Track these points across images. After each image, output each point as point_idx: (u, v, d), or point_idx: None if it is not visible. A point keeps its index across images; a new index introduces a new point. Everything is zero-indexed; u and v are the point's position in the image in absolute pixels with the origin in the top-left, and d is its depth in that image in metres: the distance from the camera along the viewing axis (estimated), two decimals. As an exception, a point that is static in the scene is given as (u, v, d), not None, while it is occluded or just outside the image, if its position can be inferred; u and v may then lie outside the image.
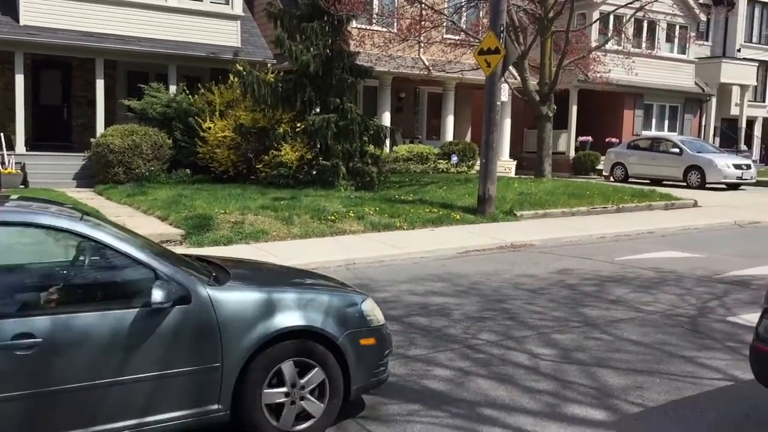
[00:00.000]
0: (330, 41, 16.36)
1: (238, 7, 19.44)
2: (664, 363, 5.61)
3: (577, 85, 24.94)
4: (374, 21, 20.66)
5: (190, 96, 17.75)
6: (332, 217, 11.98)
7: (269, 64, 19.27)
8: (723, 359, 5.69)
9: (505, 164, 23.86)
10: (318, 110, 16.44)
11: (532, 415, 4.60)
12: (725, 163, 21.13)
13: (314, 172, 15.87)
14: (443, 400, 4.83)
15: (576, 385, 5.13)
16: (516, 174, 23.25)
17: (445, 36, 20.90)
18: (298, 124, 16.05)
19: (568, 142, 26.74)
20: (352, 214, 12.31)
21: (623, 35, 23.10)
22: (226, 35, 19.22)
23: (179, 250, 10.03)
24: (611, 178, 23.26)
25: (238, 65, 16.93)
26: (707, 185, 20.87)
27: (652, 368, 5.49)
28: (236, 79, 16.70)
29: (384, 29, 19.76)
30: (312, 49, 16.05)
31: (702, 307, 7.34)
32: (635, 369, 5.48)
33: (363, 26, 19.71)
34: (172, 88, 18.27)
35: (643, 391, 5.00)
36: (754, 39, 33.02)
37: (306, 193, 14.52)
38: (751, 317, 4.35)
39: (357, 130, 16.08)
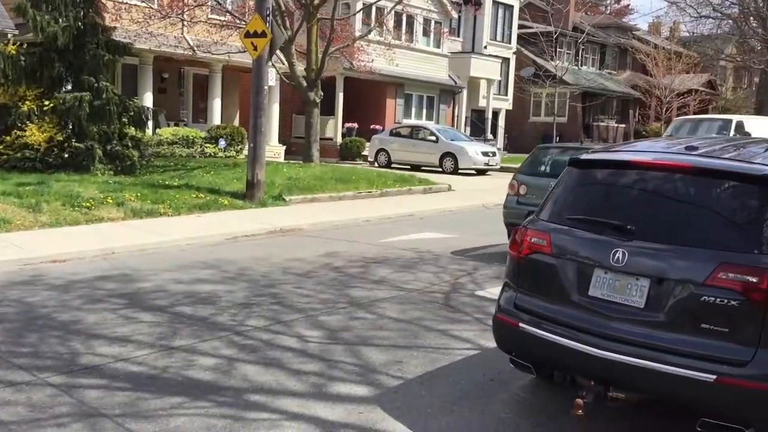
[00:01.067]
0: (82, 13, 15.09)
1: (-31, -32, 17.15)
2: (421, 337, 5.99)
3: (343, 72, 25.62)
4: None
5: None
6: (87, 204, 11.12)
7: (9, 35, 17.27)
8: (472, 330, 6.21)
9: (275, 149, 23.83)
10: (69, 87, 15.11)
11: (299, 397, 4.65)
12: (475, 151, 23.06)
13: (66, 156, 14.59)
14: (208, 390, 4.71)
15: (341, 365, 5.28)
16: (285, 159, 23.33)
17: (210, 16, 20.28)
18: (46, 102, 14.62)
19: (335, 128, 27.41)
20: (111, 201, 11.53)
21: (384, 27, 24.14)
22: (-46, -2, 16.89)
23: None
24: (376, 164, 24.28)
25: (-30, 33, 14.96)
26: (460, 171, 22.64)
27: (411, 343, 5.83)
28: (-32, 50, 14.75)
29: (143, 4, 18.65)
30: (61, 20, 14.68)
31: (454, 283, 7.96)
32: (396, 345, 5.78)
33: (120, -1, 18.44)
34: None
35: (403, 365, 5.29)
36: (498, 37, 36.30)
37: (57, 177, 13.31)
38: (496, 290, 4.78)
39: (115, 111, 15.04)
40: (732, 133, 17.58)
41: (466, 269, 8.69)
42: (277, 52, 17.27)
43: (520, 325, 4.27)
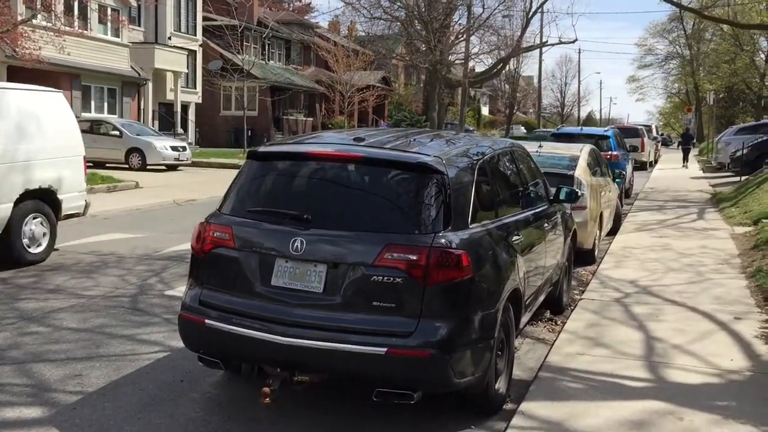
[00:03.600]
0: None
1: None
2: (104, 346, 5.59)
3: (5, 60, 22.84)
4: None
5: None
6: None
7: None
8: (161, 332, 5.96)
9: None
10: None
11: (-46, 433, 4.04)
12: (164, 146, 22.25)
13: None
14: None
15: (9, 386, 4.71)
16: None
17: None
18: None
19: None
20: None
21: (53, 12, 21.99)
22: None
23: None
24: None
25: None
26: (148, 167, 21.67)
27: (93, 353, 5.41)
28: None
29: None
30: None
31: (142, 285, 7.57)
32: (75, 357, 5.32)
33: None
34: None
35: (83, 378, 4.89)
36: (183, 29, 35.35)
37: None
38: (185, 289, 4.64)
39: None
40: None
41: (154, 269, 8.32)
42: None
43: (207, 321, 4.20)
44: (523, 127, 60.21)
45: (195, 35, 36.26)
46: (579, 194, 7.03)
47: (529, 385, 4.80)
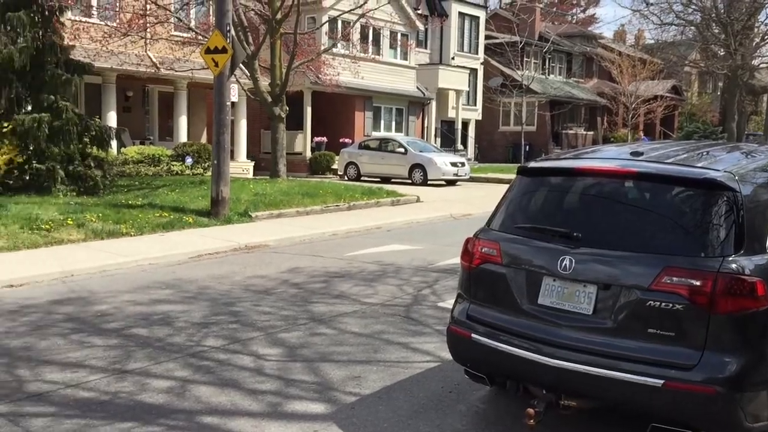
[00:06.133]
0: (40, 33, 14.88)
1: (-76, -10, 16.84)
2: (381, 351, 5.93)
3: (311, 86, 25.60)
4: (93, 14, 19.21)
5: None
6: (47, 226, 10.91)
7: (-33, 57, 16.98)
8: (433, 342, 6.16)
9: (243, 165, 23.71)
10: (29, 109, 14.89)
11: (254, 417, 4.57)
12: (444, 162, 23.13)
13: (27, 178, 14.36)
14: (160, 414, 4.60)
15: (298, 383, 5.20)
16: (254, 175, 23.21)
17: (172, 33, 20.15)
18: (5, 124, 14.38)
19: (304, 143, 27.35)
20: (71, 222, 11.33)
21: (350, 40, 24.17)
22: None
23: None
24: (345, 177, 24.24)
25: (-75, 56, 14.67)
26: (429, 182, 22.69)
27: (371, 357, 5.77)
28: (-77, 73, 14.46)
29: (102, 22, 18.46)
30: (19, 40, 14.48)
31: (417, 295, 7.91)
32: (355, 360, 5.71)
33: (79, 18, 18.22)
34: None
35: (361, 381, 5.22)
36: (465, 48, 36.57)
37: (16, 200, 13.07)
38: (453, 302, 4.75)
39: (75, 131, 14.84)
40: None
41: (428, 281, 8.65)
42: (242, 67, 17.22)
43: (473, 336, 4.24)
44: None
45: (477, 54, 37.27)
46: None
47: None
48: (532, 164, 4.63)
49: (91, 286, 8.31)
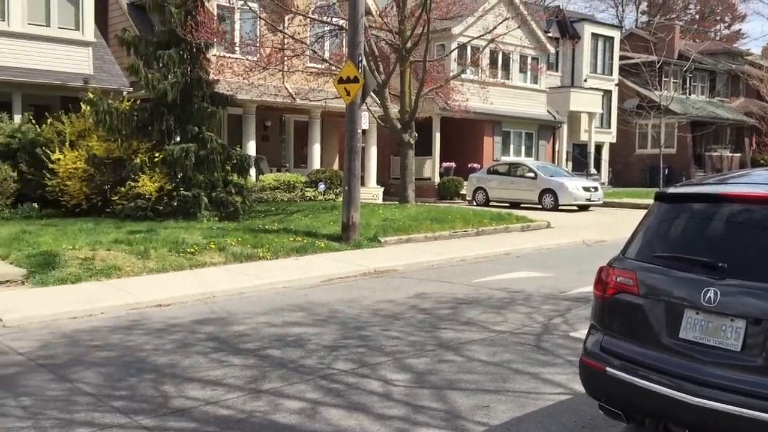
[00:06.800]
0: (188, 69, 15.99)
1: (89, 33, 18.63)
2: (510, 381, 5.80)
3: (439, 113, 25.79)
4: (236, 50, 20.42)
5: (37, 126, 16.73)
6: (192, 250, 11.60)
7: (125, 93, 18.56)
8: (564, 374, 5.95)
9: (373, 191, 24.18)
10: (178, 139, 15.98)
11: (382, 443, 4.59)
12: (575, 186, 22.49)
13: (175, 204, 15.35)
14: (292, 434, 4.73)
15: (426, 409, 5.19)
16: (384, 200, 23.60)
17: (307, 65, 21.01)
18: (157, 154, 15.51)
19: (432, 168, 27.53)
20: (213, 246, 11.98)
21: (479, 66, 24.16)
22: (76, 62, 18.35)
23: (20, 290, 9.36)
24: (474, 203, 24.12)
25: (89, 93, 16.15)
26: (560, 207, 22.12)
27: (499, 387, 5.66)
28: (88, 108, 15.92)
29: (244, 57, 19.55)
30: (170, 76, 15.62)
31: (547, 324, 7.70)
32: (483, 389, 5.62)
33: (223, 54, 19.44)
34: (17, 118, 17.17)
35: (489, 410, 5.13)
36: (599, 70, 35.56)
37: (165, 225, 14.01)
38: (586, 333, 4.58)
39: (218, 160, 15.76)
40: None
41: (559, 309, 8.40)
42: (372, 95, 17.64)
43: (608, 369, 4.06)
44: None
45: (611, 75, 36.15)
46: None
47: None
48: (672, 190, 4.41)
49: (230, 307, 8.73)
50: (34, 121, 16.84)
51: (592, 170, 33.44)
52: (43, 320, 7.92)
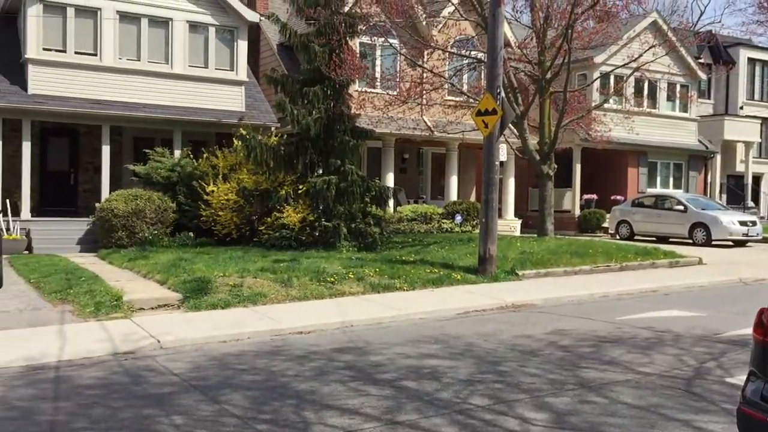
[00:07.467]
0: (331, 104, 16.64)
1: (242, 73, 19.88)
2: (659, 427, 5.46)
3: (580, 143, 25.12)
4: (376, 85, 21.01)
5: (194, 160, 18.02)
6: (331, 279, 11.95)
7: (273, 128, 19.59)
8: (720, 422, 5.53)
9: (510, 223, 23.87)
10: (320, 172, 16.61)
11: (519, 484, 4.46)
12: (730, 220, 21.05)
13: (317, 234, 15.92)
14: (427, 469, 4.71)
15: (566, 452, 4.99)
16: (521, 233, 23.22)
17: (446, 98, 21.22)
18: (300, 186, 16.19)
19: (573, 201, 26.78)
20: (352, 276, 12.27)
21: (623, 95, 23.36)
22: (230, 100, 19.62)
23: (176, 314, 10.02)
24: (617, 236, 23.18)
25: (241, 129, 17.19)
26: (713, 242, 20.75)
27: (646, 433, 5.35)
28: (239, 143, 16.95)
29: (384, 92, 20.07)
30: (314, 112, 16.32)
31: (699, 368, 7.19)
32: (628, 434, 5.33)
33: (364, 89, 20.06)
34: (177, 153, 18.57)
35: (635, 458, 4.86)
36: (756, 96, 33.31)
37: (307, 254, 14.53)
38: (745, 379, 4.25)
39: (358, 192, 16.20)
40: None
41: (713, 353, 7.83)
42: (510, 126, 17.51)
43: (770, 421, 3.73)
44: None
45: (772, 102, 33.75)
46: None
47: None
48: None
49: (367, 336, 8.87)
50: (191, 156, 18.15)
51: (750, 203, 31.18)
52: (196, 343, 8.43)
